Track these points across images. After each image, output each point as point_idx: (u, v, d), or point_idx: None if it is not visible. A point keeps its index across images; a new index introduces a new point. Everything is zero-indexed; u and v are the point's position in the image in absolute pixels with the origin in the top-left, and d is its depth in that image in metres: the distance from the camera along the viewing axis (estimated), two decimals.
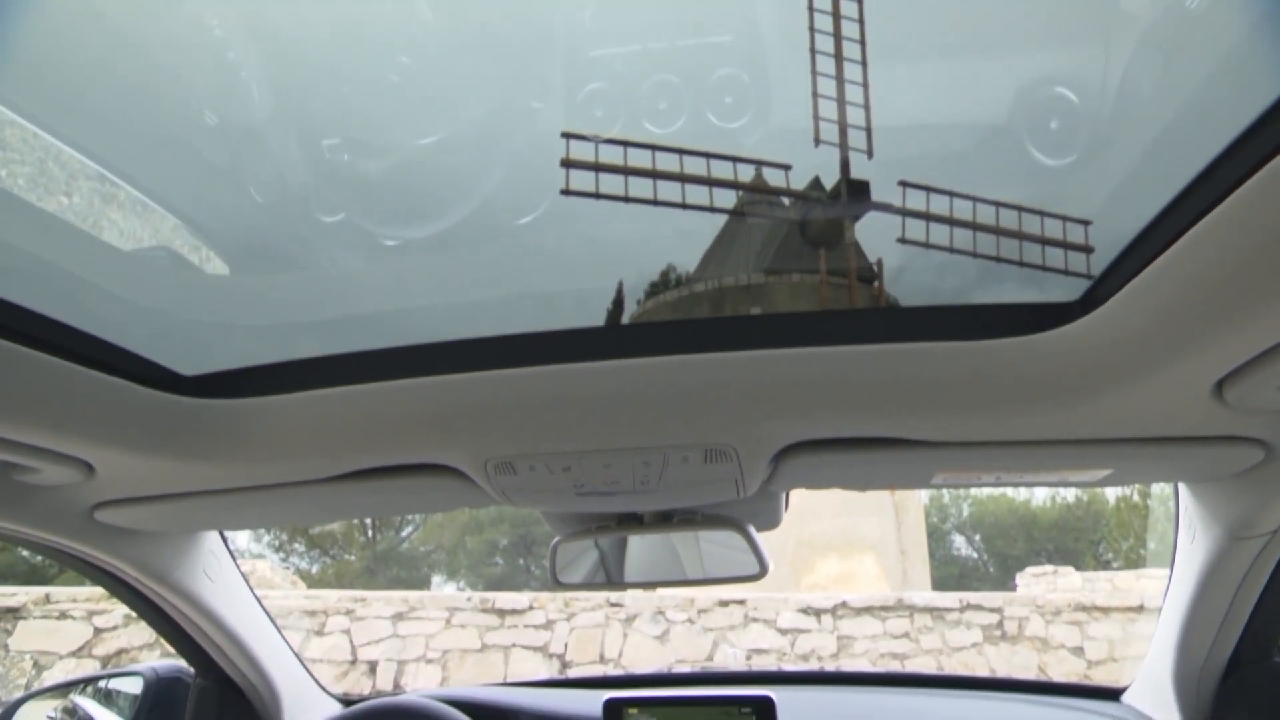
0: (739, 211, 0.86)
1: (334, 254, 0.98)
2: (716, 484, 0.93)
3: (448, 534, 25.38)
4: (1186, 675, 1.34)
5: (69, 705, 1.92)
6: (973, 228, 0.85)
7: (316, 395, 0.83)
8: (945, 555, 29.52)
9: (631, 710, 1.43)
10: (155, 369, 0.84)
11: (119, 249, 0.94)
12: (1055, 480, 0.94)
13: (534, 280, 0.97)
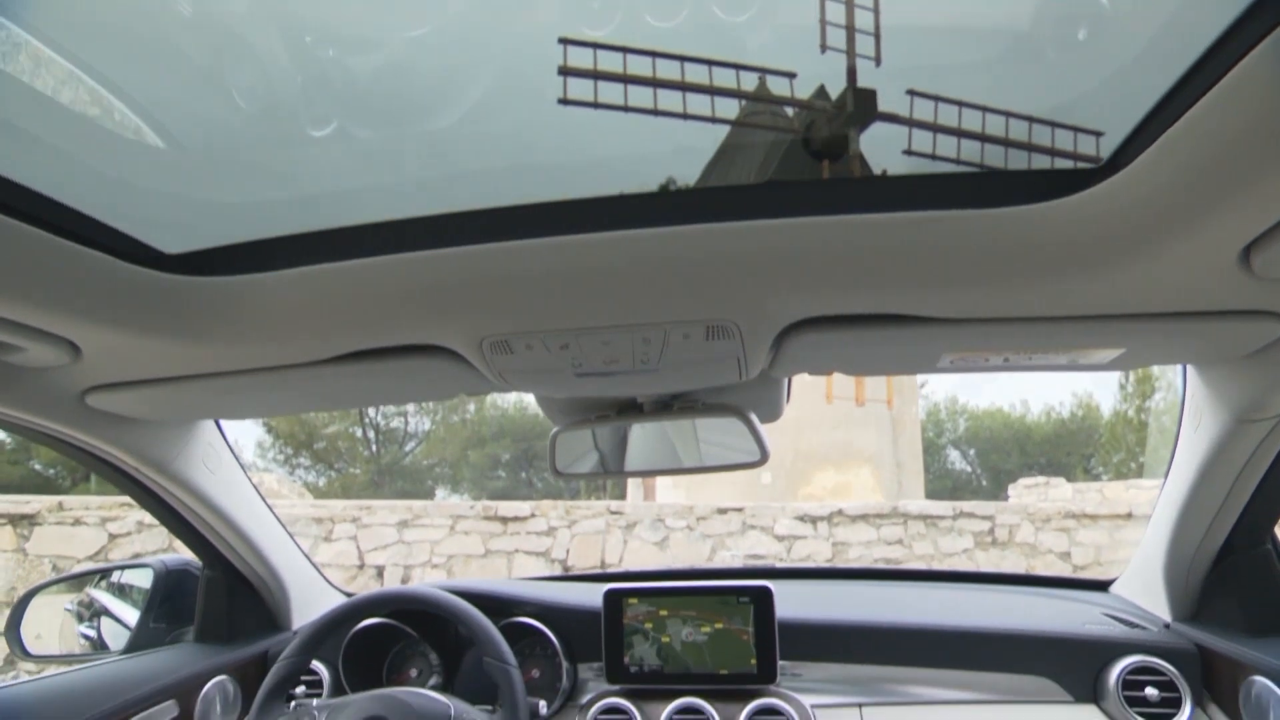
0: (741, 122, 0.81)
1: (320, 149, 0.93)
2: (718, 364, 0.91)
3: (450, 448, 25.80)
4: (1177, 563, 1.36)
5: (84, 598, 1.97)
6: (981, 139, 0.80)
7: (304, 272, 0.80)
8: (940, 469, 30.10)
9: (631, 600, 1.46)
10: (136, 245, 0.80)
11: (92, 120, 0.89)
12: (1065, 362, 0.92)
13: (529, 190, 0.93)
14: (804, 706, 1.34)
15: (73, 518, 6.29)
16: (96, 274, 0.77)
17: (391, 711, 1.17)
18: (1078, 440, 27.22)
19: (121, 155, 0.87)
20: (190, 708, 1.41)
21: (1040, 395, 57.78)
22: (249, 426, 23.48)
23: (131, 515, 6.33)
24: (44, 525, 6.23)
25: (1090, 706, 1.36)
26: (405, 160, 0.91)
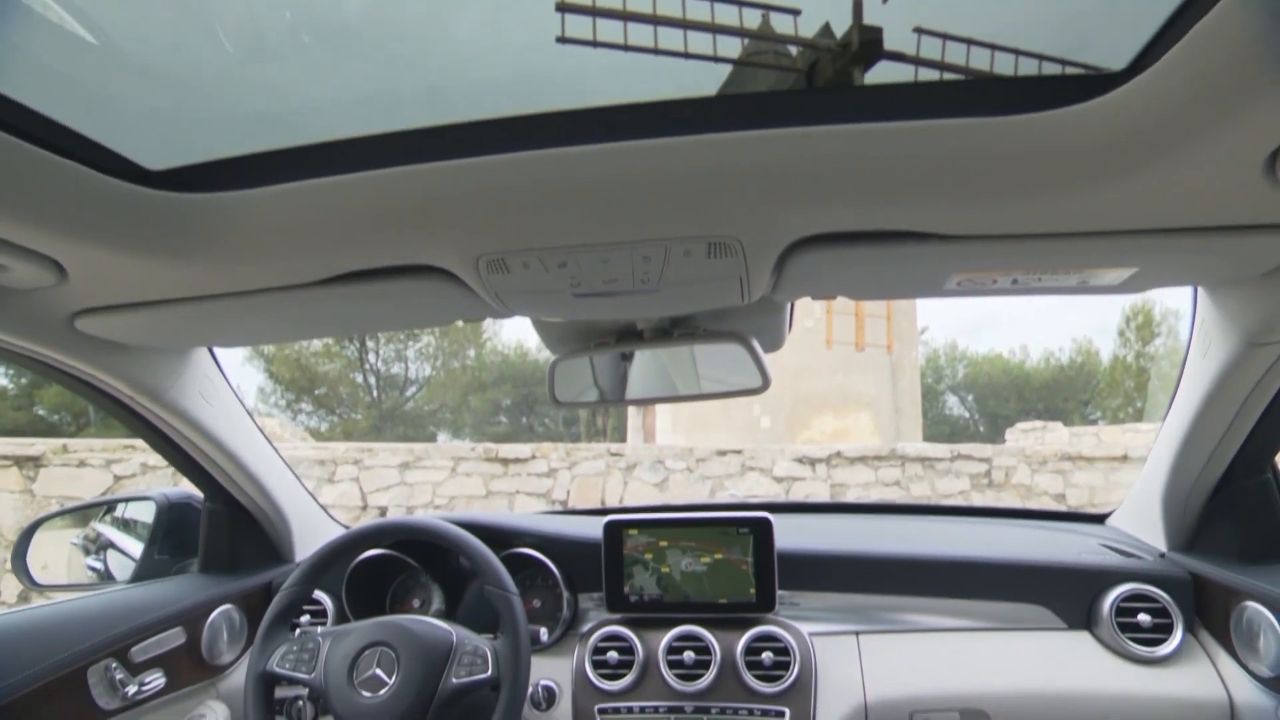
0: (744, 61, 0.77)
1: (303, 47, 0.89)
2: (719, 285, 0.89)
3: (451, 393, 25.92)
4: (1176, 494, 1.37)
5: (90, 532, 1.99)
6: (989, 77, 0.77)
7: (291, 189, 0.77)
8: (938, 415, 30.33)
9: (631, 531, 1.47)
10: (118, 160, 0.78)
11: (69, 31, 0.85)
12: (1075, 284, 0.90)
13: (524, 101, 0.89)
14: (802, 634, 1.36)
15: (78, 459, 6.35)
16: (77, 188, 0.75)
17: (394, 638, 1.19)
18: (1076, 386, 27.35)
19: (100, 68, 0.83)
20: (197, 635, 1.44)
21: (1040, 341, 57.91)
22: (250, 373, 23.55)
23: (136, 457, 6.39)
24: (49, 467, 6.29)
25: (1083, 633, 1.38)
26: (394, 73, 0.87)
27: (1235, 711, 1.24)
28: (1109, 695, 1.30)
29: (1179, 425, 1.25)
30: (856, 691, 1.34)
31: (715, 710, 1.30)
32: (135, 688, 1.29)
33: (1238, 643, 1.25)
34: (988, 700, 1.32)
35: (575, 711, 1.35)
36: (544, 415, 27.75)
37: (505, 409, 27.46)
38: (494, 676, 1.17)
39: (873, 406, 15.17)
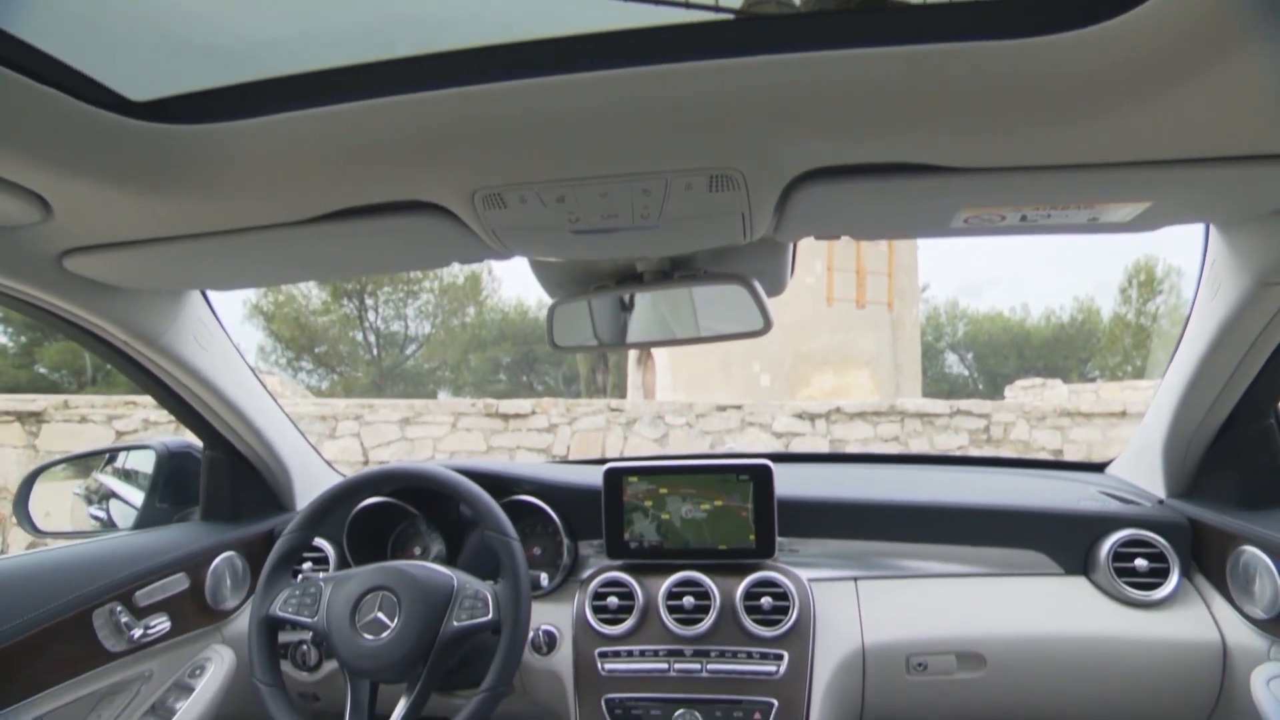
0: (745, 12, 0.73)
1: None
2: (721, 220, 0.87)
3: (451, 351, 25.95)
4: (1177, 440, 1.37)
5: (92, 482, 2.00)
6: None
7: (279, 120, 0.74)
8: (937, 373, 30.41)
9: (631, 479, 1.47)
10: (99, 89, 0.75)
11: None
12: (1086, 221, 0.88)
13: (517, 28, 0.85)
14: (801, 580, 1.37)
15: (79, 415, 6.37)
16: (58, 118, 0.72)
17: (396, 583, 1.20)
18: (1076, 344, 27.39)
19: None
20: (200, 581, 1.45)
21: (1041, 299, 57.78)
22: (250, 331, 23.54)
23: (137, 413, 6.41)
24: (52, 423, 6.32)
25: (1080, 578, 1.39)
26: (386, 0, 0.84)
27: (1228, 653, 1.26)
28: (1103, 638, 1.31)
29: (1184, 370, 1.24)
30: (854, 635, 1.35)
31: (714, 653, 1.32)
32: (141, 631, 1.30)
33: (1233, 586, 1.26)
34: (983, 643, 1.34)
35: (576, 655, 1.37)
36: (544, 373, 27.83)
37: (505, 367, 27.52)
38: (495, 620, 1.18)
39: (872, 364, 15.19)
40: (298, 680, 1.51)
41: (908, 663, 1.35)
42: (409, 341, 26.80)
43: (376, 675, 1.20)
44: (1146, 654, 1.30)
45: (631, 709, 1.31)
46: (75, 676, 1.22)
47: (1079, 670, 1.33)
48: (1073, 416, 7.14)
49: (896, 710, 1.41)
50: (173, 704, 1.36)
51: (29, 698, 1.15)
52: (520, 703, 1.49)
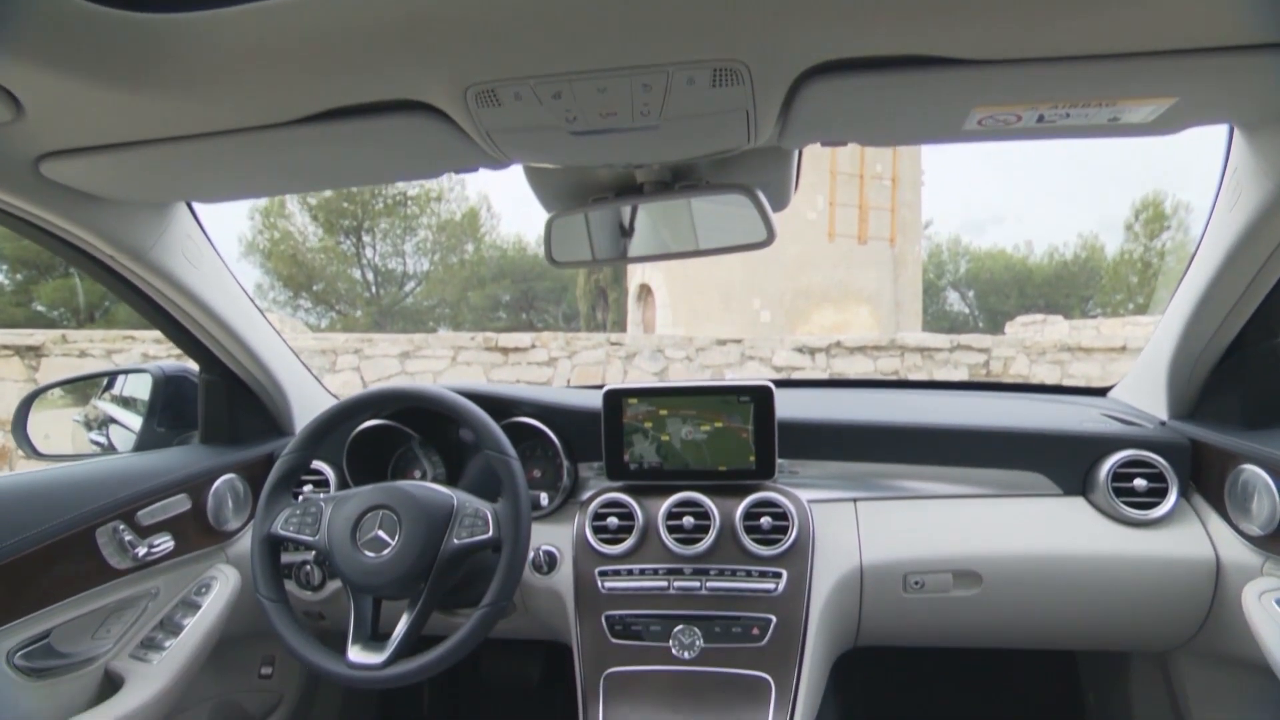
0: None
1: None
2: (724, 120, 0.83)
3: (450, 289, 25.83)
4: (1183, 360, 1.35)
5: (91, 409, 2.00)
6: None
7: (259, 8, 0.70)
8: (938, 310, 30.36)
9: (631, 400, 1.46)
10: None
11: None
12: (1106, 121, 0.84)
13: None
14: (800, 500, 1.37)
15: (78, 350, 6.37)
16: (24, 5, 0.68)
17: (396, 501, 1.20)
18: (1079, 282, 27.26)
19: None
20: (202, 502, 1.45)
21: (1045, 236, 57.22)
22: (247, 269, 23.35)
23: (136, 348, 6.40)
24: (50, 357, 6.32)
25: (1078, 499, 1.40)
26: None
27: (1221, 569, 1.27)
28: (1098, 556, 1.32)
29: (1196, 287, 1.22)
30: (853, 555, 1.37)
31: (714, 572, 1.33)
32: (145, 549, 1.31)
33: (1230, 505, 1.26)
34: (980, 562, 1.35)
35: (576, 575, 1.38)
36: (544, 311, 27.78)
37: (505, 305, 27.44)
38: (495, 537, 1.18)
39: (873, 300, 15.15)
40: (302, 600, 1.53)
41: (905, 581, 1.37)
42: (407, 279, 26.66)
43: (378, 592, 1.21)
44: (1140, 571, 1.31)
45: (631, 625, 1.33)
46: (83, 591, 1.23)
47: (1073, 587, 1.34)
48: (1073, 351, 7.13)
49: (892, 626, 1.43)
50: (180, 620, 1.38)
51: (38, 610, 1.17)
52: (521, 621, 1.52)
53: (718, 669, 1.28)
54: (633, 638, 1.32)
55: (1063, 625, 1.41)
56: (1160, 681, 1.64)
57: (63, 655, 1.23)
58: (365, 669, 1.16)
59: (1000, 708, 2.06)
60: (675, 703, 1.27)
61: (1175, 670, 1.54)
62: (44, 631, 1.19)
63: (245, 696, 1.72)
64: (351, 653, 1.18)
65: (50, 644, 1.21)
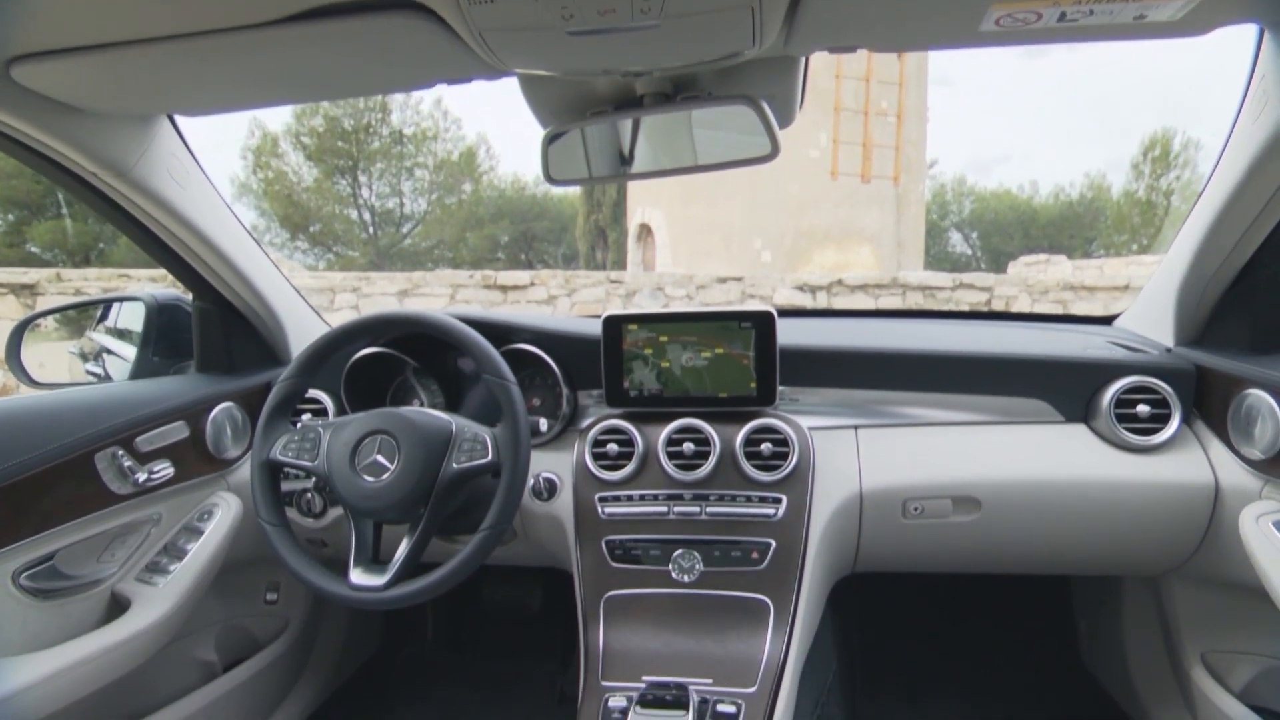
0: None
1: None
2: (728, 20, 0.79)
3: (448, 229, 25.59)
4: (1193, 285, 1.33)
5: (86, 341, 1.98)
6: None
7: None
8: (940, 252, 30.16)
9: (631, 327, 1.44)
10: None
11: None
12: (1131, 20, 0.79)
13: None
14: (801, 427, 1.37)
15: (73, 288, 6.32)
16: None
17: (394, 426, 1.19)
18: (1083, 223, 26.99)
19: None
20: (200, 430, 1.45)
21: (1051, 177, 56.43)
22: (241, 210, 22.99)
23: (131, 287, 6.36)
24: (46, 295, 6.28)
25: (1080, 426, 1.39)
26: None
27: (1220, 493, 1.27)
28: (1097, 481, 1.32)
29: (1211, 206, 1.18)
30: (852, 481, 1.37)
31: (714, 497, 1.33)
32: (145, 475, 1.31)
33: (1233, 429, 1.26)
34: (979, 487, 1.35)
35: (576, 501, 1.38)
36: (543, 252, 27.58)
37: (504, 245, 27.23)
38: (494, 461, 1.18)
39: (875, 240, 15.01)
40: (304, 527, 1.54)
41: (904, 507, 1.37)
42: (405, 220, 26.39)
43: (378, 516, 1.21)
44: (1139, 496, 1.31)
45: (631, 549, 1.33)
46: (84, 515, 1.24)
47: (1071, 513, 1.35)
48: (1076, 290, 7.09)
49: (890, 552, 1.44)
50: (184, 545, 1.39)
51: (40, 533, 1.17)
52: (522, 548, 1.53)
53: (717, 591, 1.30)
54: (632, 562, 1.33)
55: (1060, 551, 1.42)
56: (1151, 605, 1.66)
57: (68, 577, 1.24)
58: (367, 590, 1.16)
59: (993, 634, 2.10)
60: (675, 624, 1.29)
61: (1167, 594, 1.56)
62: (48, 554, 1.20)
63: (251, 621, 1.75)
64: (353, 575, 1.19)
65: (55, 566, 1.22)
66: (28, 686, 1.07)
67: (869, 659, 2.01)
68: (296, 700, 1.83)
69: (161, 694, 1.46)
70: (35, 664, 1.10)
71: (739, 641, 1.25)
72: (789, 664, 1.19)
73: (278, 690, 1.78)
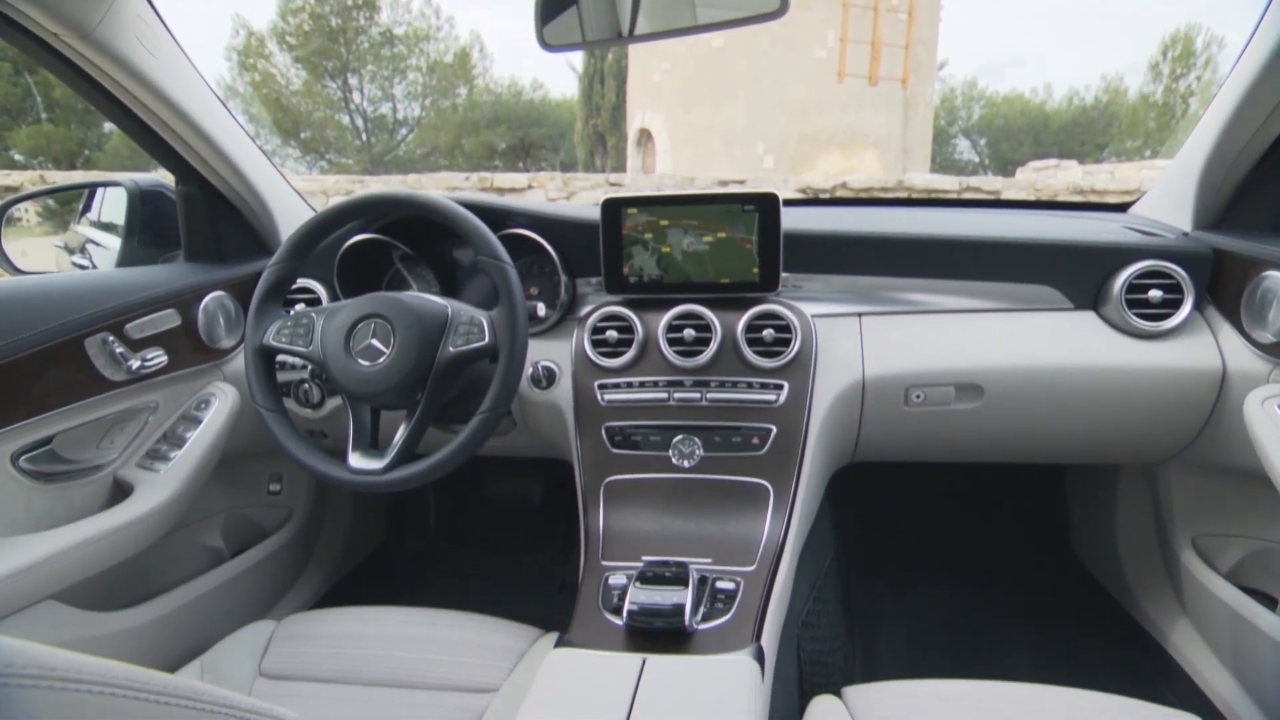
0: None
1: None
2: None
3: (444, 135, 24.93)
4: (1217, 163, 1.27)
5: (71, 234, 1.93)
6: None
7: None
8: (946, 159, 29.50)
9: (630, 210, 1.39)
10: None
11: None
12: None
13: None
14: (804, 313, 1.34)
15: None
16: None
17: (388, 310, 1.16)
18: (1096, 128, 26.24)
19: None
20: (192, 318, 1.42)
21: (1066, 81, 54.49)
22: None
23: None
24: None
25: (1088, 313, 1.36)
26: None
27: (1226, 378, 1.26)
28: (1103, 368, 1.31)
29: (1243, 78, 1.12)
30: (855, 367, 1.35)
31: (714, 383, 1.31)
32: (138, 362, 1.29)
33: (1246, 313, 1.23)
34: (983, 374, 1.34)
35: (575, 388, 1.37)
36: (541, 159, 26.95)
37: (501, 153, 26.58)
38: (491, 344, 1.15)
39: (881, 145, 14.64)
40: (303, 418, 1.54)
41: (906, 394, 1.36)
42: (399, 125, 25.68)
43: (374, 401, 1.20)
44: (1144, 382, 1.30)
45: (631, 435, 1.33)
46: (77, 401, 1.22)
47: (1075, 400, 1.34)
48: (1085, 195, 6.94)
49: (891, 440, 1.44)
50: (183, 433, 1.39)
51: (35, 416, 1.16)
52: (522, 438, 1.53)
53: (717, 476, 1.30)
54: (632, 448, 1.33)
55: (1061, 439, 1.42)
56: (1145, 493, 1.68)
57: (68, 461, 1.24)
58: (366, 474, 1.16)
59: (985, 524, 2.14)
60: (675, 507, 1.30)
61: (1163, 481, 1.58)
62: (46, 437, 1.19)
63: (256, 511, 1.78)
64: (352, 459, 1.19)
65: (55, 450, 1.21)
66: (35, 563, 1.08)
67: (864, 548, 2.05)
68: (303, 588, 1.87)
69: (171, 577, 1.49)
70: (41, 542, 1.12)
71: (738, 524, 1.26)
72: (788, 545, 1.20)
73: (284, 577, 1.82)
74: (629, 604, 1.01)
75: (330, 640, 1.17)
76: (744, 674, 0.90)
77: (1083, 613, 1.81)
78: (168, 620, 1.42)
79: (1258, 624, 1.29)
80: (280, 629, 1.20)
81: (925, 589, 1.95)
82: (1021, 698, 0.97)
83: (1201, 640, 1.51)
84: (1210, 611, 1.45)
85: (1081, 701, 0.95)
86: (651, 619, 1.00)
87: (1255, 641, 1.30)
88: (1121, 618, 1.75)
